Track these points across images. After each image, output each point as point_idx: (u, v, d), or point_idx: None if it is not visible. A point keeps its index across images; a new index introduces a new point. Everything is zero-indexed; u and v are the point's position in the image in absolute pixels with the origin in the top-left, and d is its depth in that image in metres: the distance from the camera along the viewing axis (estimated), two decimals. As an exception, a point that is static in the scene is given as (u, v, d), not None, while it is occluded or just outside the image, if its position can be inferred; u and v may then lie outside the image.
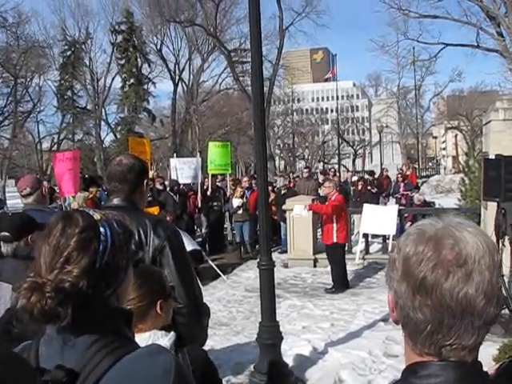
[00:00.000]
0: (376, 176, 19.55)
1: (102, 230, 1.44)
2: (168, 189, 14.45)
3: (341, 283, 10.39)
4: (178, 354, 2.36)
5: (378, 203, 15.70)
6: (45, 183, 5.23)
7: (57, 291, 1.33)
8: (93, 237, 1.42)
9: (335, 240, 10.41)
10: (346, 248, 11.57)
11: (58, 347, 1.37)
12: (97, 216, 1.47)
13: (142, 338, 2.18)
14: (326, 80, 74.39)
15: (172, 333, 2.34)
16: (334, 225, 10.38)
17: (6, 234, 3.61)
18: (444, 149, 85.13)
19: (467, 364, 1.14)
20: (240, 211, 14.32)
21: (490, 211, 8.35)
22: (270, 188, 13.61)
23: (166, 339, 2.29)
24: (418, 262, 1.13)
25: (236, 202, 14.37)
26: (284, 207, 13.09)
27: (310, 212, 11.72)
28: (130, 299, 2.25)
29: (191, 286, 2.88)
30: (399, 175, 18.89)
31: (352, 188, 18.20)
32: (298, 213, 11.54)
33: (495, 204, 7.72)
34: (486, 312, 1.13)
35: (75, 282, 1.35)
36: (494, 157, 7.73)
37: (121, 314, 1.47)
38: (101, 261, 1.41)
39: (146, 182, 3.20)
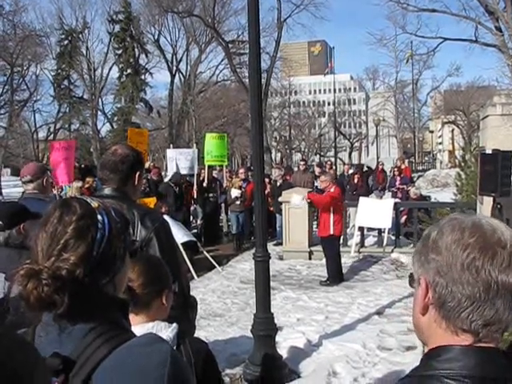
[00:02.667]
0: (365, 169, 19.50)
1: (99, 218, 1.44)
2: (168, 179, 14.48)
3: (336, 276, 10.40)
4: (180, 345, 2.35)
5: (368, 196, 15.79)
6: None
7: (53, 278, 1.32)
8: (90, 225, 1.41)
9: (332, 232, 10.40)
10: (342, 241, 11.58)
11: (55, 335, 1.36)
12: (94, 204, 1.47)
13: (145, 329, 2.17)
14: (325, 74, 74.23)
15: (174, 324, 2.33)
16: (331, 216, 10.37)
17: None
18: (440, 143, 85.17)
19: (489, 350, 1.19)
20: (238, 202, 14.35)
21: (485, 206, 8.37)
22: (266, 180, 13.61)
23: (168, 330, 2.28)
24: (465, 245, 1.19)
25: (234, 192, 14.39)
26: (280, 199, 13.06)
27: (306, 205, 11.76)
28: (137, 284, 2.25)
29: (178, 279, 2.85)
30: (395, 169, 18.91)
31: (347, 180, 18.18)
32: (297, 203, 11.54)
33: (491, 199, 7.72)
34: None
35: (72, 269, 1.35)
36: (490, 151, 7.73)
37: (117, 303, 1.47)
38: (98, 249, 1.40)
39: (139, 173, 3.16)
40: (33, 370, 0.96)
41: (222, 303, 9.25)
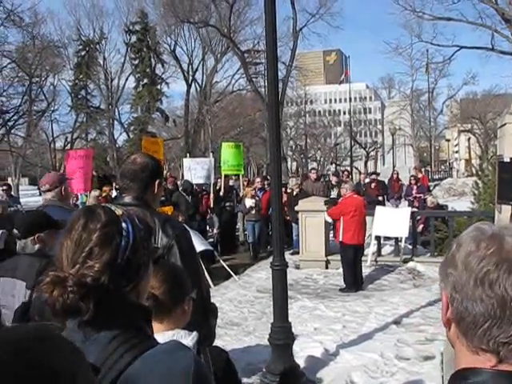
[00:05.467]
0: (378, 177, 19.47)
1: (123, 225, 1.45)
2: (181, 189, 14.50)
3: (350, 283, 10.39)
4: (200, 354, 2.35)
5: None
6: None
7: (79, 286, 1.33)
8: (115, 232, 1.42)
9: (341, 239, 10.61)
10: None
11: (79, 342, 1.37)
12: (119, 212, 1.48)
13: (166, 337, 2.17)
14: (341, 82, 74.16)
15: (195, 332, 2.33)
16: (341, 224, 10.58)
17: (16, 231, 3.65)
18: (457, 152, 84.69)
19: None
20: (253, 211, 14.36)
21: (504, 214, 8.29)
22: (282, 189, 13.61)
23: (188, 339, 2.28)
24: (480, 258, 1.12)
25: (249, 202, 14.40)
26: (296, 208, 13.06)
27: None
28: (160, 291, 2.26)
29: (199, 286, 2.85)
30: (412, 178, 18.82)
31: (363, 190, 18.11)
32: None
33: (509, 207, 7.66)
34: None
35: (97, 276, 1.36)
36: (508, 160, 7.68)
37: (141, 310, 1.48)
38: (122, 256, 1.41)
39: (158, 182, 3.18)
40: (75, 370, 0.95)
41: (238, 312, 9.24)
